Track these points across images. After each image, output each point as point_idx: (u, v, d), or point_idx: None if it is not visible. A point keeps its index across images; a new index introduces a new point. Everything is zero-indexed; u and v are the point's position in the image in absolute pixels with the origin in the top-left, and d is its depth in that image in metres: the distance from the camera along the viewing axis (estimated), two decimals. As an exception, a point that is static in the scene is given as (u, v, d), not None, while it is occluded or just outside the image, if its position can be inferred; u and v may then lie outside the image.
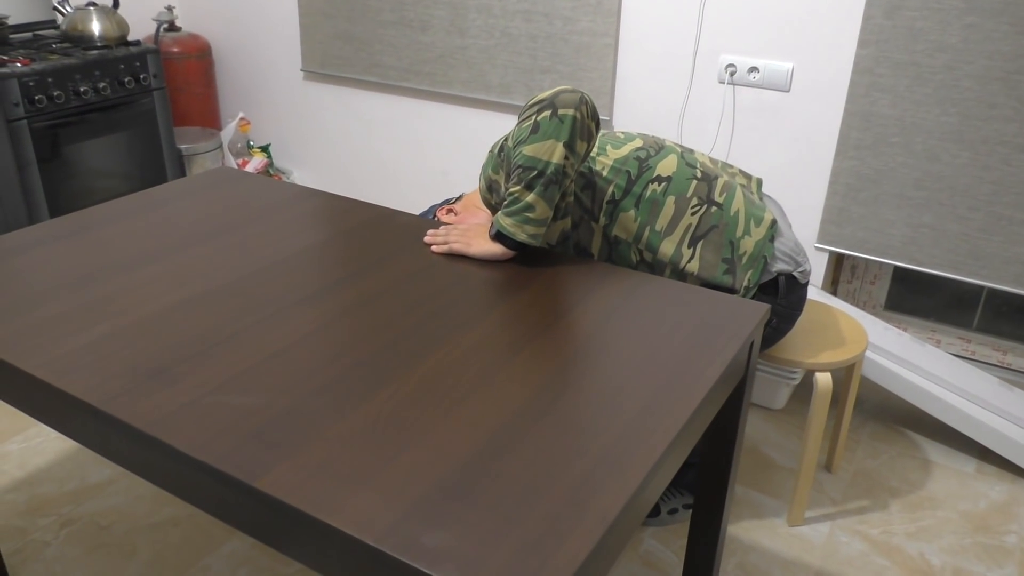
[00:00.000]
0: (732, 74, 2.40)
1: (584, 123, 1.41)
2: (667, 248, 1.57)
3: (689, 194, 1.58)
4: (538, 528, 0.86)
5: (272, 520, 0.94)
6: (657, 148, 1.65)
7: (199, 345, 1.19)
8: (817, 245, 2.43)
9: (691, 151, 1.69)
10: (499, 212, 1.47)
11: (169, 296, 1.33)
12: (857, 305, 2.65)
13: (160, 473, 1.04)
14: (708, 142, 2.52)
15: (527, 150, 1.41)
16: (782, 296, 1.60)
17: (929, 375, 2.13)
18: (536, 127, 1.40)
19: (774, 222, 1.60)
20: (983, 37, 2.03)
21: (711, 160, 1.72)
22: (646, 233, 1.57)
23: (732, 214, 1.58)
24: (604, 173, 1.58)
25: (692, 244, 1.57)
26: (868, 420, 2.29)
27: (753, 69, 2.36)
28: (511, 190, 1.44)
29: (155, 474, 1.05)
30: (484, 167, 1.65)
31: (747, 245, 1.57)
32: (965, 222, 2.21)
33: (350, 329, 1.24)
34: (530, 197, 1.41)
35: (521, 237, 1.43)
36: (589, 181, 1.57)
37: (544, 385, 1.11)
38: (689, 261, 1.57)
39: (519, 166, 1.42)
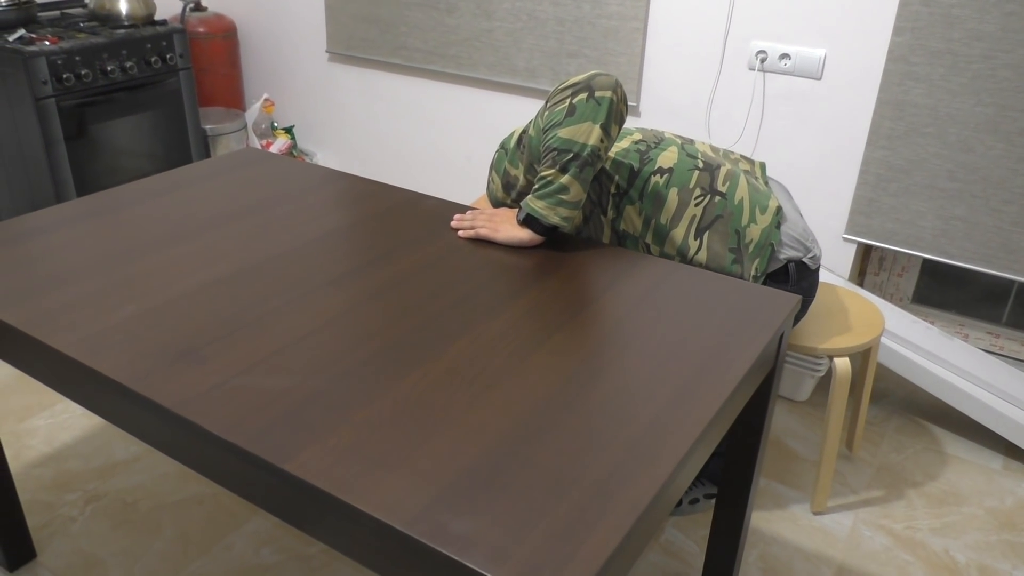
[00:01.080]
0: (763, 61, 2.36)
1: (619, 107, 1.40)
2: (674, 240, 1.56)
3: (692, 185, 1.57)
4: (566, 518, 0.85)
5: (299, 502, 0.94)
6: (657, 140, 1.64)
7: (227, 326, 1.19)
8: (845, 236, 2.40)
9: (691, 141, 1.67)
10: (529, 195, 1.46)
11: (197, 277, 1.33)
12: (884, 297, 2.61)
13: (188, 453, 1.05)
14: (736, 130, 2.49)
15: (563, 132, 1.39)
16: (793, 283, 1.58)
17: (956, 369, 2.10)
18: (572, 109, 1.39)
19: (779, 208, 1.58)
20: (1022, 26, 1.99)
21: (712, 149, 1.70)
22: (652, 226, 1.56)
23: (736, 203, 1.56)
24: (607, 167, 1.57)
25: (698, 235, 1.56)
26: (893, 414, 2.26)
27: (784, 56, 2.32)
28: (543, 173, 1.42)
29: (183, 454, 1.06)
30: (495, 165, 1.64)
31: (753, 233, 1.55)
32: (999, 215, 2.17)
33: (377, 313, 1.24)
34: (564, 179, 1.40)
35: (554, 220, 1.42)
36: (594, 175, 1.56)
37: (572, 373, 1.10)
38: (697, 252, 1.56)
39: (553, 149, 1.40)
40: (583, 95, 1.39)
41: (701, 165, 1.59)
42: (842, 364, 1.75)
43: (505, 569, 0.78)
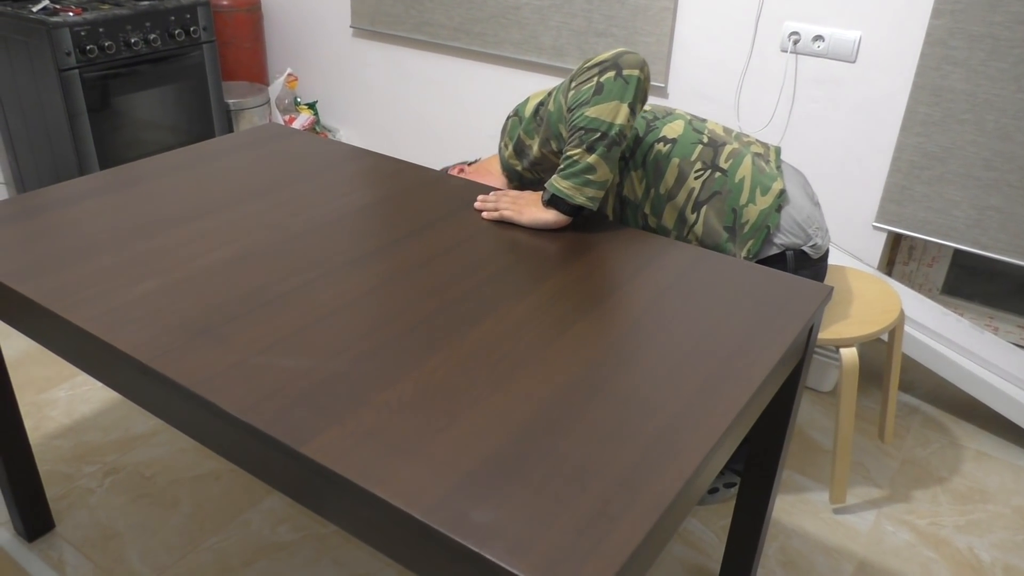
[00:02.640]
0: (795, 42, 2.30)
1: (645, 85, 1.38)
2: (671, 212, 1.55)
3: (693, 158, 1.54)
4: (590, 510, 0.83)
5: (317, 485, 0.92)
6: (666, 113, 1.63)
7: (248, 304, 1.17)
8: (876, 224, 2.35)
9: (703, 120, 1.64)
10: (554, 176, 1.43)
11: (218, 253, 1.32)
12: (913, 287, 2.56)
13: (205, 431, 1.03)
14: (766, 113, 2.43)
15: (590, 112, 1.36)
16: (790, 271, 1.54)
17: (985, 363, 2.05)
18: (600, 88, 1.35)
19: (782, 191, 1.53)
20: (1069, 10, 1.92)
21: (724, 129, 1.66)
22: (651, 195, 1.55)
23: (736, 181, 1.53)
24: None
25: (695, 209, 1.53)
26: (919, 408, 2.22)
27: (818, 38, 2.26)
28: (569, 153, 1.39)
29: (200, 432, 1.04)
30: (508, 131, 1.61)
31: (750, 214, 1.51)
32: (1035, 206, 2.11)
33: (399, 293, 1.21)
34: (591, 159, 1.37)
35: (580, 200, 1.39)
36: None
37: (597, 361, 1.08)
38: (693, 226, 1.54)
39: (580, 128, 1.37)
40: (611, 73, 1.36)
41: (706, 140, 1.57)
42: (848, 355, 1.70)
43: (526, 562, 0.76)
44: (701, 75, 2.52)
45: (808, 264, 1.56)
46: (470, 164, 1.85)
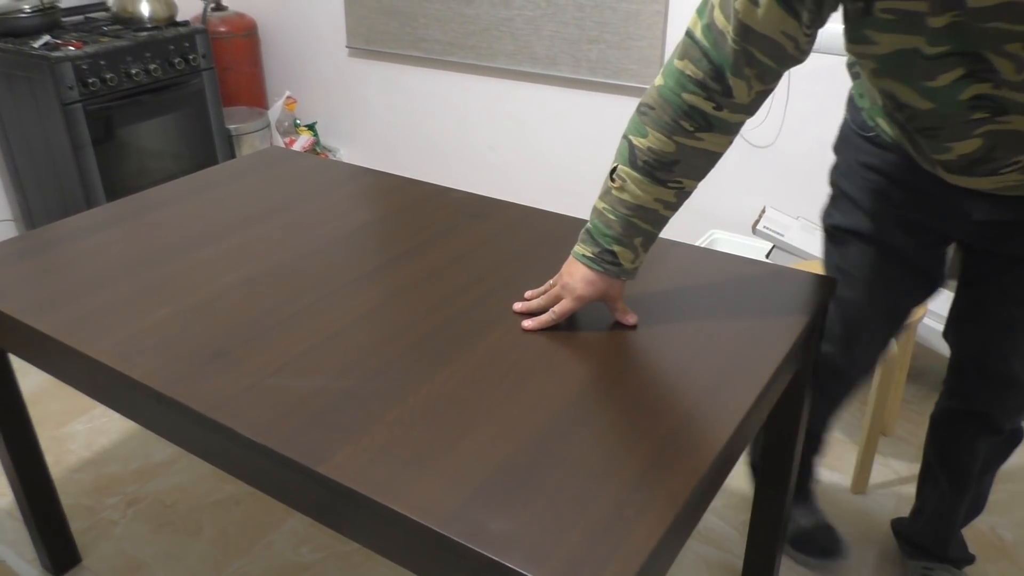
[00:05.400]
0: (789, 37, 2.31)
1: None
2: None
3: None
4: (606, 514, 0.84)
5: (335, 504, 0.93)
6: None
7: (258, 327, 1.19)
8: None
9: None
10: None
11: (226, 278, 1.33)
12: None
13: (223, 456, 1.05)
14: (762, 110, 2.44)
15: None
16: None
17: (999, 346, 2.04)
18: None
19: None
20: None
21: None
22: None
23: None
24: None
25: None
26: (933, 392, 2.21)
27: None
28: None
29: (218, 457, 1.06)
30: None
31: None
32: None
33: (407, 308, 1.23)
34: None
35: None
36: None
37: (606, 365, 1.08)
38: None
39: None
40: None
41: None
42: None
43: (546, 569, 0.77)
44: (696, 74, 2.52)
45: None
46: None
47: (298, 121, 3.57)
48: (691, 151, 1.06)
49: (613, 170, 1.11)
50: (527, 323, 1.16)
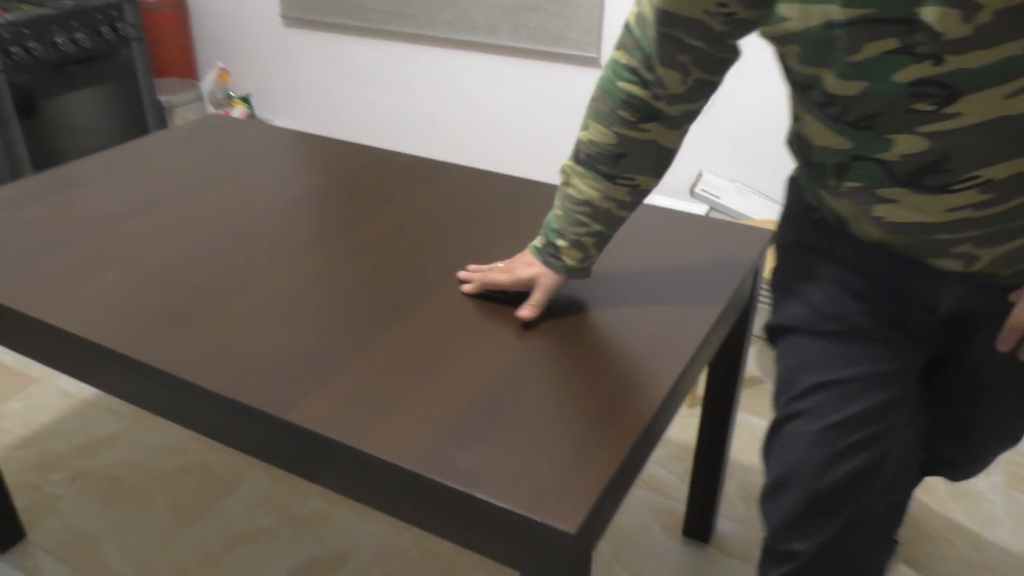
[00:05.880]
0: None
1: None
2: None
3: None
4: (565, 449, 0.89)
5: (305, 452, 0.96)
6: None
7: (213, 288, 1.19)
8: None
9: None
10: None
11: (176, 243, 1.33)
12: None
13: (188, 414, 1.06)
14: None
15: None
16: None
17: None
18: None
19: None
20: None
21: None
22: None
23: None
24: None
25: None
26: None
27: None
28: None
29: (183, 415, 1.07)
30: None
31: None
32: None
33: (363, 268, 1.25)
34: None
35: None
36: None
37: (558, 316, 1.13)
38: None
39: None
40: None
41: None
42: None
43: (514, 498, 0.81)
44: (632, 43, 2.58)
45: None
46: None
47: (231, 93, 3.50)
48: (636, 143, 1.03)
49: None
50: (465, 287, 1.18)
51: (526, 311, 1.11)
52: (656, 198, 2.63)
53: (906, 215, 0.90)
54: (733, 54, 0.97)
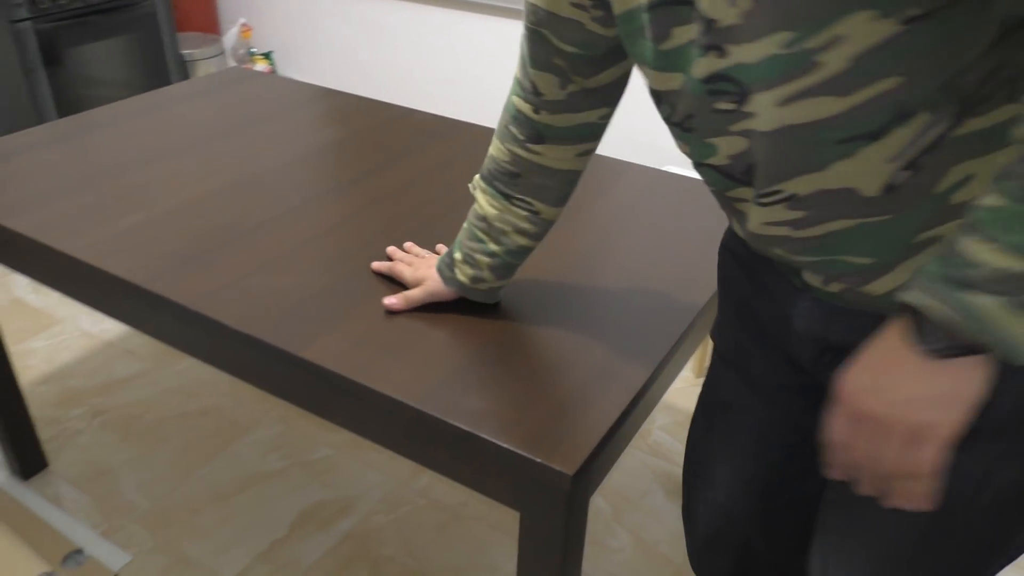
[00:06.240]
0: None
1: None
2: None
3: None
4: (569, 395, 0.92)
5: (317, 388, 1.00)
6: None
7: (230, 233, 1.23)
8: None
9: None
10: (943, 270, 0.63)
11: (196, 188, 1.36)
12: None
13: (205, 349, 1.10)
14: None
15: None
16: None
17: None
18: None
19: None
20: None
21: None
22: None
23: None
24: None
25: None
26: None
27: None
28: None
29: (200, 350, 1.11)
30: None
31: None
32: None
33: (376, 219, 1.28)
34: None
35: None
36: None
37: (567, 271, 1.16)
38: None
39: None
40: None
41: None
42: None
43: (515, 438, 0.85)
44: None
45: None
46: None
47: (253, 49, 3.52)
48: (529, 165, 0.95)
49: None
50: (376, 265, 1.16)
51: (393, 300, 1.06)
52: (674, 168, 2.65)
53: (749, 224, 0.76)
54: (609, 51, 0.85)
